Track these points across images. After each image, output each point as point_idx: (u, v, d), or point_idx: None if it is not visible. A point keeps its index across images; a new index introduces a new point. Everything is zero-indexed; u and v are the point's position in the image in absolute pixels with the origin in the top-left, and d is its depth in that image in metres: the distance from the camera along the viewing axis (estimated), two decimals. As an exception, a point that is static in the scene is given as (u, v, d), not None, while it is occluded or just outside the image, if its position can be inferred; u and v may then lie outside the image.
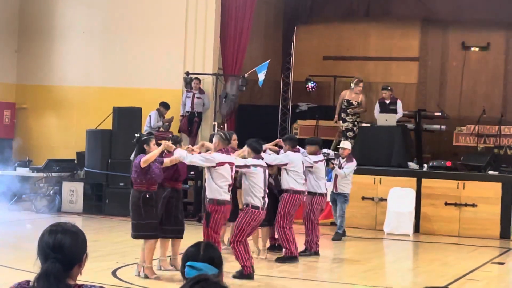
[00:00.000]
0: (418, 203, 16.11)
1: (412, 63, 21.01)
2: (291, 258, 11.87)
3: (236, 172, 10.55)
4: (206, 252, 3.73)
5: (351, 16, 21.23)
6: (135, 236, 10.38)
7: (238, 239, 10.37)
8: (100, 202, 17.09)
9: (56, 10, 19.81)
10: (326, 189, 13.12)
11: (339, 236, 14.73)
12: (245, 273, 10.36)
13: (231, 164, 10.01)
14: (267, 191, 10.62)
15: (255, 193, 10.37)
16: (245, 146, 10.76)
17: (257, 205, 10.39)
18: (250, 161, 10.47)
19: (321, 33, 21.53)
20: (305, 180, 12.30)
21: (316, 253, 12.72)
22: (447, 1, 19.97)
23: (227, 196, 9.96)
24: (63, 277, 3.29)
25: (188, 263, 3.69)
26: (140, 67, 18.88)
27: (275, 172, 11.56)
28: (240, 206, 10.80)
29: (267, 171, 10.77)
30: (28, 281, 3.39)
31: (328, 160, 13.82)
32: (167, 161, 10.37)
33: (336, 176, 14.68)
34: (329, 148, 15.81)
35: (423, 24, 20.90)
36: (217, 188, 9.87)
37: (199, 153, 10.27)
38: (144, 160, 10.08)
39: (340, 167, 14.50)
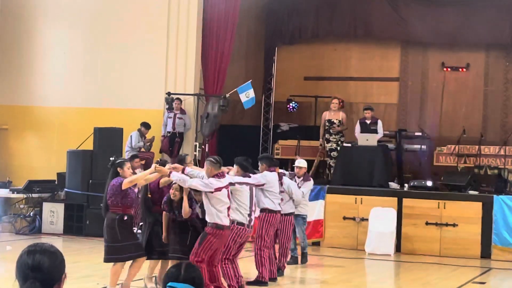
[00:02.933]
0: (399, 223, 16.15)
1: (392, 84, 21.14)
2: (260, 283, 11.67)
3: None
4: (187, 273, 3.74)
5: (332, 37, 21.34)
6: (107, 260, 10.27)
7: (225, 257, 10.42)
8: (80, 223, 17.00)
9: (37, 30, 19.77)
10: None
11: (306, 258, 14.11)
12: None
13: (227, 187, 10.01)
14: (251, 209, 10.66)
15: (240, 210, 10.41)
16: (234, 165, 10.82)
17: (243, 222, 10.44)
18: (237, 178, 10.51)
19: (302, 54, 21.63)
20: (281, 199, 12.30)
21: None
22: (427, 22, 20.12)
23: (226, 221, 9.93)
24: None
25: (169, 283, 3.70)
26: (121, 88, 18.86)
27: (201, 199, 10.43)
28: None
29: (253, 188, 10.81)
30: None
31: None
32: (141, 181, 10.35)
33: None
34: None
35: (403, 45, 21.05)
36: (216, 213, 9.86)
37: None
38: (129, 181, 10.03)
39: (298, 187, 13.44)
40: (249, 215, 10.56)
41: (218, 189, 9.82)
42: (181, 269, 3.75)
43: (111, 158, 10.58)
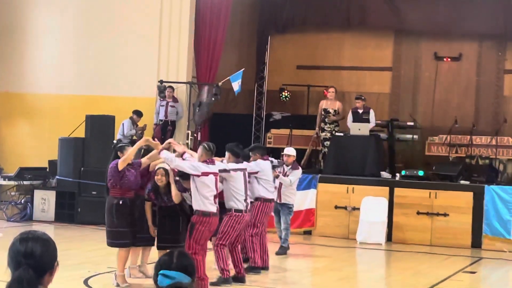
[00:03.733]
0: (391, 212, 16.19)
1: (385, 73, 21.13)
2: (254, 268, 11.70)
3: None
4: (179, 261, 3.73)
5: (325, 26, 21.29)
6: (109, 244, 10.39)
7: (221, 242, 10.48)
8: (72, 210, 16.98)
9: (28, 16, 19.68)
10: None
11: (284, 250, 13.75)
12: (224, 277, 10.44)
13: (215, 174, 9.93)
14: (246, 194, 10.69)
15: (237, 197, 10.48)
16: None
17: (240, 209, 10.50)
18: (230, 165, 10.53)
19: (295, 43, 21.59)
20: (275, 188, 12.32)
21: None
22: (420, 12, 20.11)
23: (213, 208, 9.79)
24: (35, 284, 3.28)
25: (161, 271, 3.68)
26: (114, 75, 18.80)
27: (189, 186, 10.24)
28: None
29: (247, 174, 10.84)
30: None
31: (272, 168, 12.71)
32: (144, 160, 10.39)
33: (280, 185, 13.31)
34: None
35: (396, 35, 21.03)
36: (202, 199, 9.74)
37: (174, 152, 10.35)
38: (123, 160, 10.09)
39: (285, 175, 13.36)
40: (245, 200, 10.62)
41: (205, 174, 9.74)
42: (173, 257, 3.74)
43: (114, 141, 10.72)
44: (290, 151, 13.72)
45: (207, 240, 10.13)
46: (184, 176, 10.03)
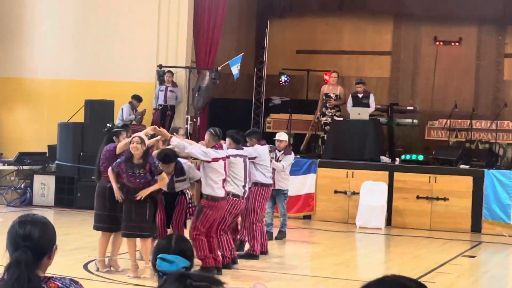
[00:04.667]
0: (390, 196, 16.19)
1: (384, 58, 21.09)
2: (251, 256, 11.68)
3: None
4: (178, 245, 3.72)
5: (324, 10, 21.23)
6: (96, 228, 10.28)
7: (221, 227, 10.55)
8: (71, 195, 16.98)
9: (27, 2, 19.61)
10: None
11: (283, 235, 13.63)
12: (225, 263, 10.51)
13: (224, 159, 10.16)
14: (245, 180, 10.71)
15: (236, 182, 10.54)
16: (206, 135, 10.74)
17: (238, 194, 10.59)
18: (230, 151, 10.57)
19: (294, 27, 21.53)
20: (272, 173, 12.32)
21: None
22: (420, -4, 20.07)
23: (221, 192, 10.07)
24: (33, 266, 3.27)
25: (160, 255, 3.68)
26: (113, 60, 18.76)
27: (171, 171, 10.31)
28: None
29: (247, 160, 10.88)
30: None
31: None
32: (151, 141, 10.33)
33: (274, 170, 12.83)
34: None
35: (396, 19, 20.97)
36: (211, 184, 9.98)
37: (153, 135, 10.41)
38: (124, 144, 9.99)
39: (278, 160, 13.07)
40: (244, 186, 10.67)
41: (215, 159, 9.99)
42: (171, 241, 3.74)
43: (108, 125, 10.62)
44: (282, 136, 13.46)
45: (214, 223, 10.23)
46: (164, 160, 10.05)
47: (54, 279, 3.31)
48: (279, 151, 13.24)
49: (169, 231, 10.48)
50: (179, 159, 10.52)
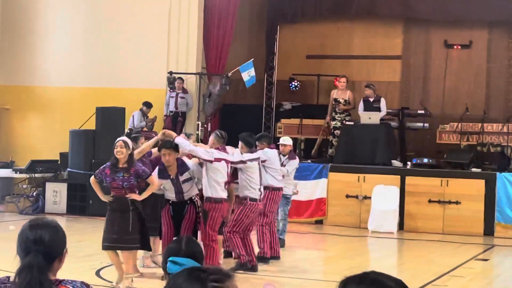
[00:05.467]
0: (402, 200, 16.16)
1: (395, 62, 21.04)
2: (263, 259, 11.66)
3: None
4: (188, 247, 3.73)
5: (334, 15, 21.22)
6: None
7: (234, 229, 10.65)
8: (83, 202, 17.02)
9: (39, 10, 19.71)
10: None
11: (282, 243, 13.07)
12: (242, 262, 10.57)
13: (227, 161, 10.21)
14: (261, 184, 10.75)
15: (253, 186, 10.61)
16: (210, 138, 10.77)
17: (255, 198, 10.67)
18: (246, 156, 10.61)
19: (304, 32, 21.52)
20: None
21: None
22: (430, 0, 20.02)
23: (224, 194, 10.13)
24: (45, 270, 3.29)
25: (170, 258, 3.69)
26: (123, 67, 18.83)
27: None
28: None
29: (261, 164, 10.97)
30: (8, 277, 3.38)
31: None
32: (145, 148, 10.42)
33: None
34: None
35: (406, 23, 20.93)
36: (213, 185, 10.03)
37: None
38: (139, 151, 10.14)
39: (282, 165, 12.62)
40: (259, 189, 10.79)
41: (218, 160, 10.04)
42: (182, 244, 3.75)
43: (126, 130, 10.70)
44: (286, 140, 13.15)
45: (219, 226, 10.32)
46: (166, 145, 9.97)
47: (65, 282, 3.33)
48: (284, 155, 12.87)
49: None
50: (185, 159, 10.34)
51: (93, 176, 9.73)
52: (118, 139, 9.66)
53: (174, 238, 9.51)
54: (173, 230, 10.03)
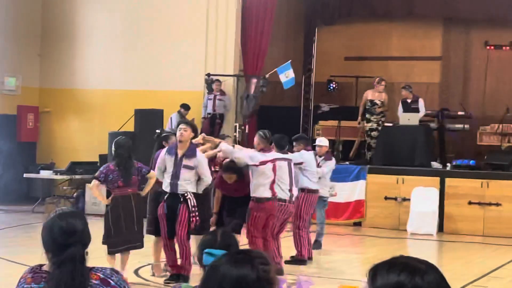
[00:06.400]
0: (442, 202, 16.01)
1: (434, 63, 20.89)
2: (300, 261, 11.68)
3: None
4: (223, 240, 3.73)
5: (372, 16, 21.13)
6: (148, 232, 10.34)
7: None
8: (123, 204, 17.09)
9: (78, 14, 19.93)
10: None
11: (319, 245, 13.08)
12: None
13: (273, 162, 10.19)
14: (291, 184, 10.68)
15: (281, 186, 10.47)
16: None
17: (284, 198, 10.50)
18: (274, 155, 10.58)
19: (342, 34, 21.46)
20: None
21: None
22: (470, -1, 19.85)
23: (268, 194, 10.12)
24: (84, 260, 3.33)
25: (206, 250, 3.69)
26: (162, 69, 18.93)
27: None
28: (216, 210, 10.68)
29: (291, 163, 10.81)
30: (40, 265, 3.41)
31: None
32: (209, 152, 10.40)
33: None
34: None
35: (445, 23, 20.77)
36: (258, 186, 10.06)
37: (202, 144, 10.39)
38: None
39: (318, 166, 12.47)
40: (290, 190, 10.60)
41: (263, 163, 10.02)
42: (217, 236, 3.75)
43: (157, 131, 10.73)
44: (322, 141, 13.04)
45: (266, 225, 10.21)
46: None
47: (95, 270, 3.36)
48: (320, 156, 12.78)
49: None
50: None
51: (96, 180, 9.91)
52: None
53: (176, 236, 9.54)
54: (167, 229, 9.68)
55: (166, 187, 9.64)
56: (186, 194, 9.51)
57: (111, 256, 9.71)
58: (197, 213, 9.52)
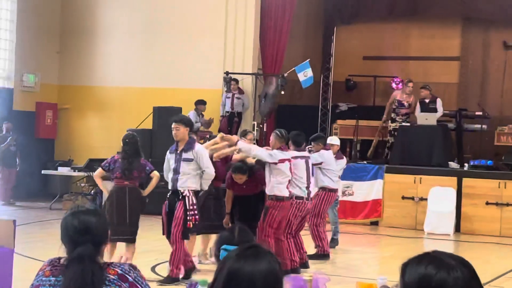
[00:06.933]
0: (459, 202, 15.98)
1: (453, 63, 20.82)
2: (323, 256, 11.85)
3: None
4: (240, 236, 3.76)
5: (391, 16, 21.09)
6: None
7: (287, 231, 10.58)
8: (140, 201, 17.16)
9: (97, 11, 20.03)
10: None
11: (336, 242, 13.14)
12: (290, 268, 10.53)
13: (290, 160, 10.21)
14: (308, 182, 10.70)
15: (298, 184, 10.52)
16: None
17: (301, 196, 10.57)
18: (291, 153, 10.60)
19: (361, 33, 21.44)
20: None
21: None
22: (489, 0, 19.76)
23: (286, 192, 10.13)
24: (95, 258, 3.34)
25: (223, 246, 3.72)
26: (180, 67, 19.00)
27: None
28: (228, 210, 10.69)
29: (309, 161, 10.86)
30: (59, 258, 3.44)
31: None
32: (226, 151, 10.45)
33: None
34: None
35: (464, 23, 20.70)
36: (277, 185, 10.04)
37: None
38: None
39: None
40: (307, 187, 10.64)
41: (282, 161, 10.03)
42: (234, 232, 3.78)
43: None
44: (334, 140, 13.09)
45: (281, 224, 10.22)
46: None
47: (113, 266, 3.37)
48: None
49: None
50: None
51: (100, 169, 10.52)
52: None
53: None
54: (167, 227, 9.73)
55: (169, 184, 9.82)
56: (184, 192, 9.52)
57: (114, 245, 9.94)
58: (196, 212, 9.47)
